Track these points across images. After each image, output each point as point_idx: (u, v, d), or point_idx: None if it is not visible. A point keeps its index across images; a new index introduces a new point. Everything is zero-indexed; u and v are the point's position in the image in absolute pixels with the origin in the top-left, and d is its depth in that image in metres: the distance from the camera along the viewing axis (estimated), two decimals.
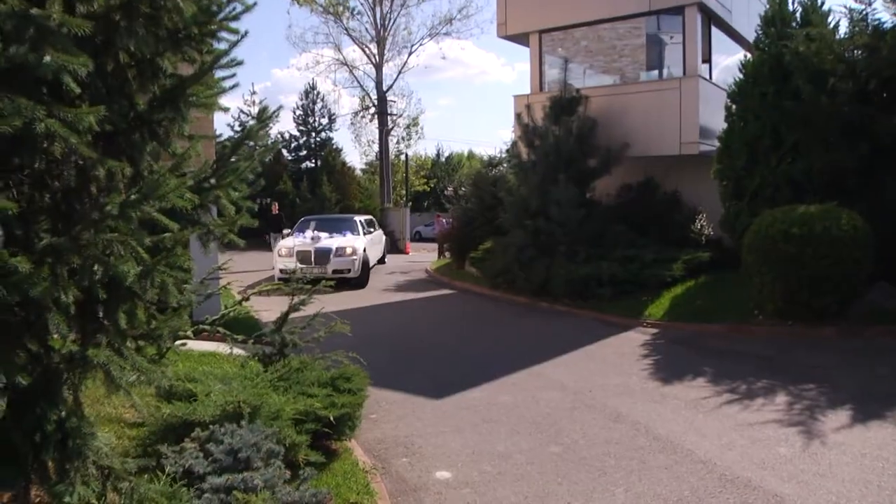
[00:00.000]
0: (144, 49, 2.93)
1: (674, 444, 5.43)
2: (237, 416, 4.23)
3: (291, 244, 16.41)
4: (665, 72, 15.50)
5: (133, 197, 2.69)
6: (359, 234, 17.96)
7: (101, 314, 3.11)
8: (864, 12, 10.92)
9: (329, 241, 16.53)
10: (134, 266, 2.75)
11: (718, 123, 13.06)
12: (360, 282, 16.26)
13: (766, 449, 5.31)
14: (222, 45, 3.32)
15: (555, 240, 13.05)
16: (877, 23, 10.82)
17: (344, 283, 15.46)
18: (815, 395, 6.71)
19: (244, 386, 4.82)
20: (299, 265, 14.18)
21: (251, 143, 3.93)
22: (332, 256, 15.94)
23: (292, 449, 4.27)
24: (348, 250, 16.21)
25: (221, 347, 6.96)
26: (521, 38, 17.09)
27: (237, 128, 34.37)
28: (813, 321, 9.46)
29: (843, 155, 10.53)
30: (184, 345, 5.27)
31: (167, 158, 3.35)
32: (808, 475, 4.78)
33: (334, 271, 15.51)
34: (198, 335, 6.01)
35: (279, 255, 16.07)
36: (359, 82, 37.33)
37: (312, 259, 15.76)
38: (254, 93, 38.88)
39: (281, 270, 15.12)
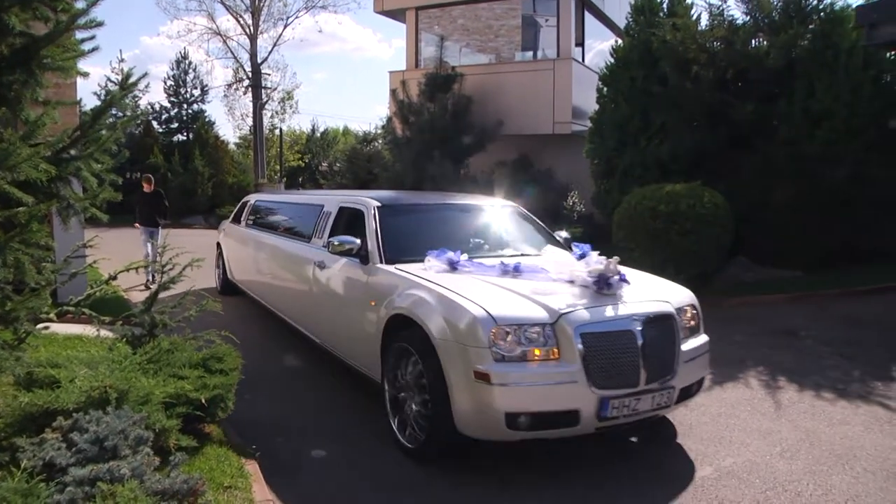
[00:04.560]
0: None
1: None
2: (103, 402, 3.99)
3: (523, 309, 4.11)
4: (540, 53, 15.86)
5: None
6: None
7: None
8: (721, 8, 11.68)
9: (638, 293, 4.60)
10: None
11: (591, 105, 13.53)
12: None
13: None
14: (80, 5, 3.08)
15: None
16: (731, 18, 11.57)
17: None
18: None
19: (111, 370, 4.55)
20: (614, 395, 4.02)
21: (116, 113, 3.68)
22: (678, 349, 4.43)
23: (163, 434, 4.07)
24: (691, 316, 4.83)
25: (88, 330, 6.55)
26: (397, 14, 17.00)
27: (104, 97, 32.30)
28: None
29: (706, 138, 11.20)
30: (46, 328, 4.93)
31: (22, 126, 3.09)
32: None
33: (683, 391, 4.51)
34: (62, 317, 5.62)
35: (504, 345, 3.90)
36: (233, 53, 36.18)
37: (643, 363, 4.10)
38: (122, 60, 36.81)
39: (532, 417, 3.93)
